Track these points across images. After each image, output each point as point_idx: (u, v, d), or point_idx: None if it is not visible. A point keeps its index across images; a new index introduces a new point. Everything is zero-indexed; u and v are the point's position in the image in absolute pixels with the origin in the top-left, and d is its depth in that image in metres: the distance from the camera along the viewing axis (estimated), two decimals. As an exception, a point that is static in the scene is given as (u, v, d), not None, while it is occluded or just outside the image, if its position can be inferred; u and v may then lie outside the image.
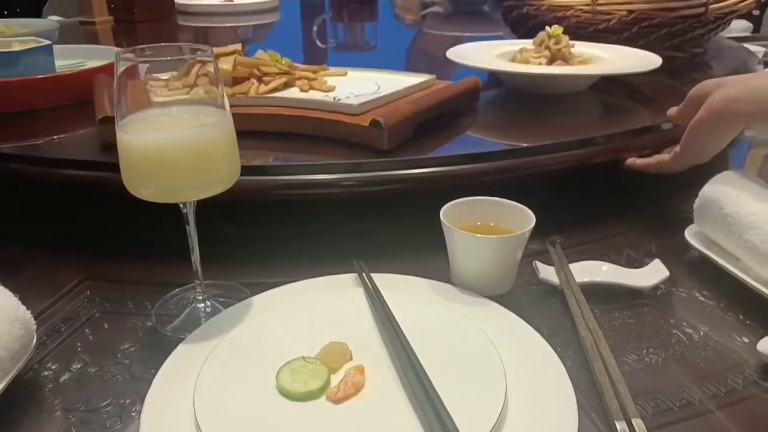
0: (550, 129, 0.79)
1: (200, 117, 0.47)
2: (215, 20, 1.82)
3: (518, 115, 0.87)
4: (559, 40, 0.94)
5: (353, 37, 1.76)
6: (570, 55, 0.93)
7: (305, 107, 0.73)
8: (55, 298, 0.58)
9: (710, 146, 0.65)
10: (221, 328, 0.49)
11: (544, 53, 0.94)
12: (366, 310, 0.51)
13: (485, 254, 0.53)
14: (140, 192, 0.47)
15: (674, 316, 0.55)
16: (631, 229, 0.70)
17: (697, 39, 1.13)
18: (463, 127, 0.80)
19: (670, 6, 1.05)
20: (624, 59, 0.93)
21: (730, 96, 0.60)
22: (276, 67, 0.79)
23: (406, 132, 0.70)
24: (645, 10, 1.05)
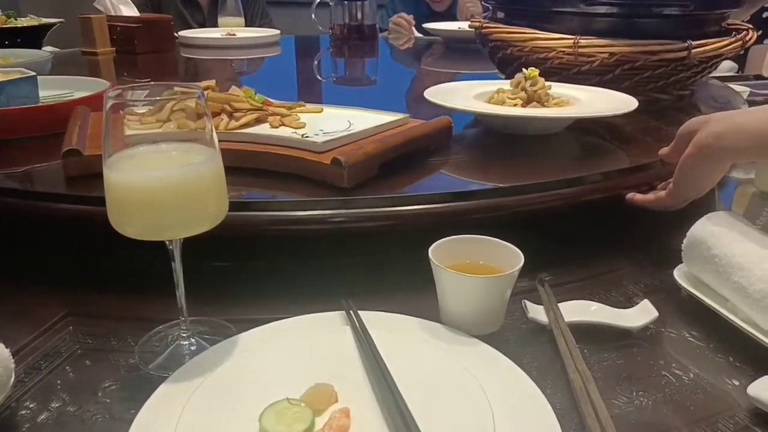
0: (524, 169, 0.78)
1: (189, 155, 0.47)
2: (217, 53, 1.84)
3: (493, 155, 0.86)
4: (535, 82, 0.94)
5: (350, 72, 1.77)
6: (546, 96, 0.93)
7: (271, 143, 0.73)
8: (37, 333, 0.57)
9: (702, 181, 0.66)
10: (204, 367, 0.48)
11: (520, 95, 0.93)
12: (353, 350, 0.51)
13: (474, 294, 0.53)
14: (125, 230, 0.46)
15: (664, 357, 0.54)
16: (620, 268, 0.70)
17: (683, 81, 1.12)
18: (435, 165, 0.79)
19: (652, 49, 1.04)
20: (601, 101, 0.93)
21: (716, 132, 0.62)
22: (249, 103, 0.79)
23: (369, 170, 0.69)
24: (626, 53, 1.04)
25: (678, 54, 1.03)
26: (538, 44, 1.09)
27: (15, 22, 1.65)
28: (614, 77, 1.06)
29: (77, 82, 1.08)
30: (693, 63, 1.05)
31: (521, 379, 0.48)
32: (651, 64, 1.04)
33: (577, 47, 1.04)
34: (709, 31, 1.10)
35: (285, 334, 0.52)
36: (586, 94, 0.97)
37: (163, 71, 1.67)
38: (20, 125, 0.86)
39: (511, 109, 0.90)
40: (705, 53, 1.04)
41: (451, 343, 0.52)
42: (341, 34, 1.99)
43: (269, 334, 0.52)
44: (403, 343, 0.51)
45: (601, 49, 1.04)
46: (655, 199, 0.71)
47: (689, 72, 1.08)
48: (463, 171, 0.79)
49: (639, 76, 1.06)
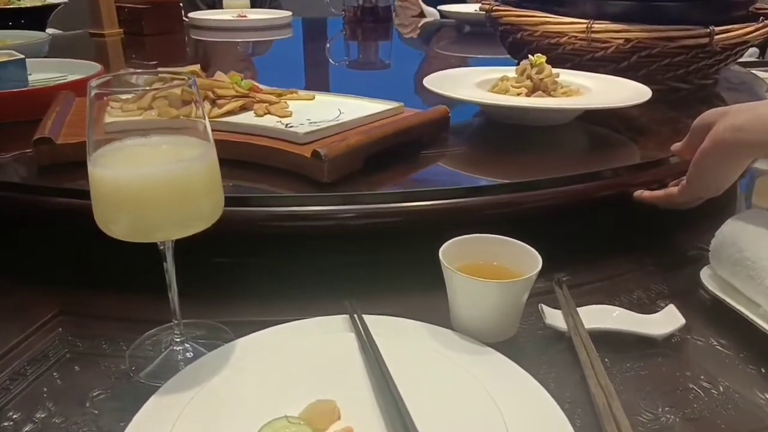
0: (526, 163, 0.74)
1: (181, 149, 0.43)
2: (227, 35, 1.80)
3: (493, 148, 0.81)
4: (541, 70, 0.88)
5: (358, 56, 1.72)
6: (553, 85, 0.88)
7: (252, 133, 0.69)
8: (24, 335, 0.54)
9: (719, 179, 0.61)
10: (199, 377, 0.45)
11: (525, 83, 0.88)
12: (357, 360, 0.47)
13: (488, 299, 0.49)
14: (111, 230, 0.43)
15: (690, 367, 0.51)
16: (641, 267, 0.66)
17: (704, 70, 1.05)
18: (430, 159, 0.74)
19: (671, 35, 0.96)
20: (613, 91, 0.88)
21: (735, 125, 0.56)
22: (234, 90, 0.75)
23: (353, 164, 0.65)
24: (643, 39, 0.97)
25: (699, 41, 0.96)
26: (549, 29, 1.03)
27: (18, 3, 1.61)
28: (630, 65, 1.00)
29: (71, 65, 1.05)
30: (715, 50, 0.98)
31: (538, 392, 0.44)
32: (670, 51, 0.97)
33: (590, 32, 0.99)
34: (734, 16, 1.02)
35: (285, 341, 0.49)
36: (596, 83, 0.92)
37: (171, 53, 1.64)
38: (8, 109, 0.83)
39: (511, 99, 0.85)
40: (728, 40, 0.97)
41: (462, 352, 0.48)
42: (354, 17, 1.94)
43: (268, 341, 0.49)
44: (410, 351, 0.48)
45: (615, 35, 0.98)
46: (666, 196, 0.66)
47: (711, 60, 1.01)
48: (459, 165, 0.74)
49: (657, 63, 0.99)
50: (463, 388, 0.44)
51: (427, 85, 0.85)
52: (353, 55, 1.72)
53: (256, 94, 0.76)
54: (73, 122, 0.73)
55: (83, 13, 1.67)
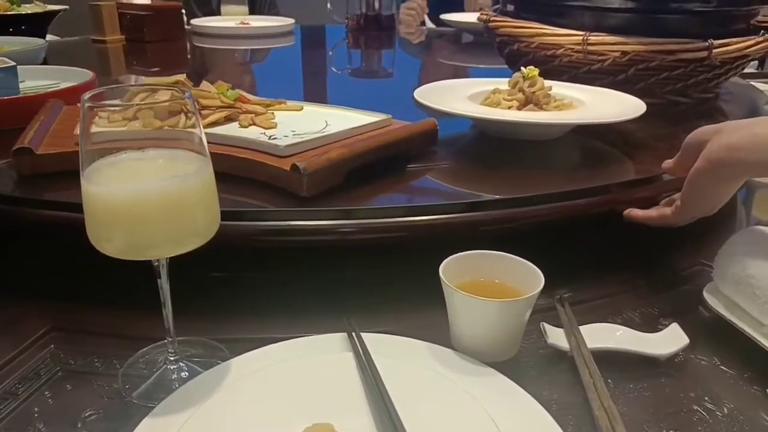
0: (517, 178, 0.72)
1: (177, 164, 0.42)
2: (230, 42, 1.80)
3: (482, 162, 0.79)
4: (534, 82, 0.85)
5: (363, 64, 1.70)
6: (546, 98, 0.85)
7: (234, 145, 0.67)
8: (16, 352, 0.53)
9: (714, 198, 0.59)
10: (192, 399, 0.44)
11: (517, 96, 0.85)
12: (356, 381, 0.46)
13: (489, 318, 0.48)
14: (104, 247, 0.42)
15: (694, 388, 0.50)
16: (644, 284, 0.65)
17: (704, 84, 1.02)
18: (417, 173, 0.72)
19: (669, 48, 0.94)
20: (607, 105, 0.85)
21: (731, 143, 0.54)
22: (219, 100, 0.74)
23: (333, 178, 0.63)
24: (640, 51, 0.94)
25: (697, 54, 0.94)
26: (545, 40, 1.01)
27: (18, 9, 1.60)
28: (627, 78, 0.98)
29: (65, 73, 1.04)
30: (715, 64, 0.96)
31: (540, 414, 0.43)
32: (668, 64, 0.95)
33: (586, 44, 0.97)
34: (735, 29, 1.01)
35: (281, 361, 0.48)
36: (590, 96, 0.89)
37: (172, 60, 1.63)
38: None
39: (500, 112, 0.82)
40: (728, 53, 0.95)
41: (463, 373, 0.47)
42: (357, 25, 1.93)
43: (264, 361, 0.48)
44: (409, 371, 0.47)
45: (612, 47, 0.96)
46: (659, 216, 0.64)
47: (711, 74, 0.99)
48: (447, 179, 0.72)
49: (655, 77, 0.98)
50: (464, 410, 0.43)
51: (417, 98, 0.84)
52: (355, 63, 1.71)
53: (243, 105, 0.75)
54: (56, 132, 0.72)
55: (84, 19, 1.67)
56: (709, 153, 0.56)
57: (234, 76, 1.49)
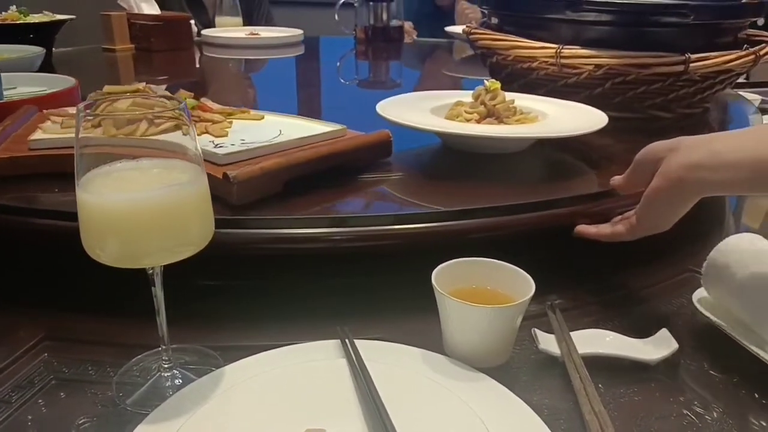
0: (468, 190, 0.71)
1: (172, 173, 0.43)
2: (240, 52, 1.82)
3: (438, 173, 0.79)
4: (495, 95, 0.84)
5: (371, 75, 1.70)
6: (507, 111, 0.83)
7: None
8: (10, 360, 0.53)
9: (670, 215, 0.57)
10: (186, 406, 0.44)
11: (479, 109, 0.83)
12: (349, 388, 0.46)
13: (481, 325, 0.49)
14: (98, 255, 0.42)
15: (684, 393, 0.50)
16: (634, 291, 0.66)
17: (687, 99, 0.98)
18: (366, 184, 0.72)
19: (644, 62, 0.90)
20: (571, 119, 0.83)
21: (692, 162, 0.53)
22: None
23: (269, 187, 0.63)
24: (614, 65, 0.91)
25: (673, 68, 0.91)
26: (520, 53, 0.99)
27: (26, 18, 1.63)
28: (604, 92, 0.95)
29: (55, 80, 1.05)
30: (695, 78, 0.94)
31: (531, 419, 0.44)
32: (645, 78, 0.92)
33: (559, 57, 0.94)
34: (721, 42, 0.98)
35: (274, 368, 0.48)
36: (556, 109, 0.88)
37: (179, 69, 1.66)
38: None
39: (454, 125, 0.80)
40: (707, 68, 0.92)
41: (455, 379, 0.48)
42: (365, 36, 1.93)
43: (257, 368, 0.48)
44: (402, 377, 0.47)
45: (585, 60, 0.93)
46: (611, 233, 0.63)
47: (693, 88, 0.96)
48: (396, 189, 0.71)
49: (633, 91, 0.95)
50: (456, 416, 0.44)
51: (378, 110, 0.82)
52: (362, 74, 1.71)
53: (202, 113, 0.76)
54: (17, 137, 0.72)
55: (89, 29, 1.73)
56: (668, 171, 0.54)
57: (236, 85, 1.51)
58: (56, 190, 0.66)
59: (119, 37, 1.67)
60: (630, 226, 0.61)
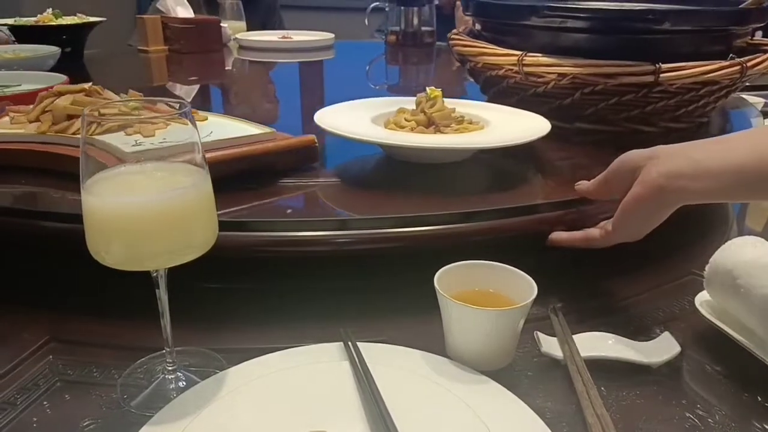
0: (392, 198, 0.70)
1: (176, 177, 0.43)
2: (272, 56, 1.85)
3: (364, 181, 0.77)
4: (434, 103, 0.81)
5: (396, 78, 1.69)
6: (445, 120, 0.79)
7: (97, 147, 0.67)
8: (15, 362, 0.53)
9: (646, 224, 0.57)
10: (190, 408, 0.44)
11: (418, 117, 0.80)
12: (352, 390, 0.47)
13: (484, 327, 0.49)
14: (103, 258, 0.42)
15: (686, 395, 0.50)
16: (636, 293, 0.66)
17: (670, 112, 0.89)
18: (284, 188, 0.71)
19: (609, 71, 0.83)
20: (514, 127, 0.79)
21: (671, 171, 0.52)
22: (118, 109, 0.75)
23: None
24: (578, 74, 0.84)
25: (642, 78, 0.82)
26: (487, 60, 0.94)
27: (60, 20, 1.69)
28: (574, 102, 0.88)
29: (55, 78, 1.08)
30: (672, 90, 0.85)
31: (534, 422, 0.44)
32: (614, 89, 0.85)
33: (521, 65, 0.88)
34: (713, 51, 0.89)
35: (278, 370, 0.49)
36: (500, 117, 0.84)
37: (208, 71, 1.70)
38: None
39: (380, 133, 0.77)
40: (680, 79, 0.83)
41: (458, 381, 0.48)
42: (396, 40, 1.92)
43: (260, 371, 0.48)
44: (405, 380, 0.48)
45: (547, 69, 0.86)
46: (583, 238, 0.63)
47: (672, 101, 0.87)
48: (327, 196, 0.71)
49: (605, 102, 0.87)
50: (459, 419, 0.44)
51: (315, 118, 0.79)
52: (393, 79, 1.69)
53: (146, 113, 0.76)
54: None
55: (120, 31, 1.83)
56: (648, 180, 0.54)
57: (258, 86, 1.56)
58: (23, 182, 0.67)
59: (153, 39, 1.74)
60: (605, 233, 0.61)
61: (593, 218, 0.65)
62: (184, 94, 1.37)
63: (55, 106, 0.69)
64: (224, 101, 1.35)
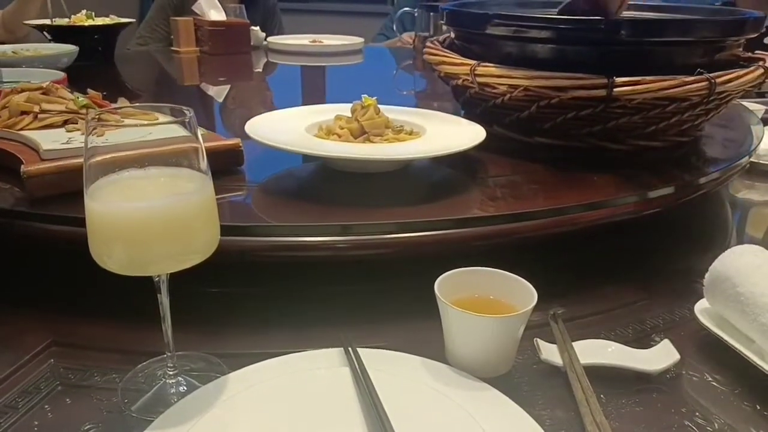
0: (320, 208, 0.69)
1: (178, 182, 0.43)
2: (302, 59, 1.89)
3: (286, 189, 0.76)
4: (365, 111, 0.79)
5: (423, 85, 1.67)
6: (377, 129, 0.77)
7: (27, 144, 0.70)
8: (16, 366, 0.54)
9: None
10: (190, 412, 0.44)
11: (352, 125, 0.78)
12: (352, 396, 0.47)
13: (484, 334, 0.49)
14: (106, 263, 0.43)
15: (685, 403, 0.50)
16: (636, 301, 0.66)
17: (637, 129, 0.82)
18: None
19: (559, 84, 0.76)
20: (449, 136, 0.77)
21: None
22: (64, 106, 0.77)
23: (67, 184, 0.63)
24: (530, 86, 0.78)
25: (593, 92, 0.75)
26: (446, 69, 0.90)
27: (92, 21, 1.76)
28: (531, 115, 0.82)
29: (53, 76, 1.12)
30: (634, 106, 0.78)
31: (533, 430, 0.44)
32: (570, 102, 0.78)
33: (473, 75, 0.83)
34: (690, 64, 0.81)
35: (278, 376, 0.49)
36: (439, 127, 0.82)
37: (235, 71, 1.75)
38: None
39: (304, 142, 0.75)
40: (636, 93, 0.75)
41: (458, 388, 0.48)
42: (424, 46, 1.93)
43: (260, 376, 0.49)
44: (405, 386, 0.48)
45: (498, 80, 0.81)
46: None
47: (637, 117, 0.79)
48: (251, 201, 0.71)
49: (562, 116, 0.81)
50: (458, 425, 0.44)
51: (246, 127, 0.76)
52: (419, 85, 1.68)
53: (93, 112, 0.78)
54: None
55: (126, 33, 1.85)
56: None
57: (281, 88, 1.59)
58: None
59: (185, 40, 1.83)
60: None
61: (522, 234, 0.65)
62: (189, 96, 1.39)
63: (10, 102, 0.74)
64: (222, 105, 1.35)
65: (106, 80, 1.54)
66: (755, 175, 1.04)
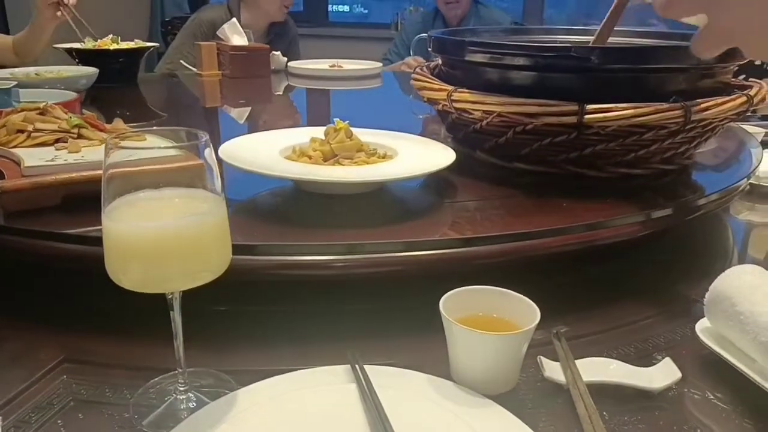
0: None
1: (193, 203, 0.45)
2: (321, 83, 1.93)
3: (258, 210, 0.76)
4: (336, 135, 0.80)
5: None
6: (347, 152, 0.78)
7: (13, 160, 0.72)
8: (30, 382, 0.55)
9: None
10: (200, 428, 0.45)
11: (324, 147, 0.79)
12: (359, 412, 0.48)
13: (488, 352, 0.50)
14: (121, 280, 0.44)
15: (687, 422, 0.51)
16: (638, 320, 0.67)
17: (615, 156, 0.81)
18: None
19: (531, 111, 0.76)
20: (420, 159, 0.79)
21: None
22: (58, 125, 0.79)
23: (43, 200, 0.67)
24: (503, 112, 0.78)
25: (564, 119, 0.75)
26: (427, 94, 0.90)
27: (117, 45, 1.82)
28: (509, 141, 0.82)
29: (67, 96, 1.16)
30: (608, 134, 0.77)
31: (537, 446, 0.45)
32: (545, 129, 0.78)
33: (450, 100, 0.84)
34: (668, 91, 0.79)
35: (286, 392, 0.50)
36: (410, 149, 0.83)
37: (255, 94, 1.79)
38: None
39: (274, 164, 0.75)
40: (608, 121, 0.74)
41: (463, 405, 0.49)
42: None
43: (268, 393, 0.50)
44: (411, 403, 0.49)
45: (473, 105, 0.81)
46: None
47: (613, 144, 0.78)
48: None
49: (538, 143, 0.80)
50: (464, 442, 0.45)
51: (220, 151, 0.76)
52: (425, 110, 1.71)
53: (84, 132, 0.80)
54: None
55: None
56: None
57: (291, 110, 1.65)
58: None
59: (207, 64, 1.89)
60: None
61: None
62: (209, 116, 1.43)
63: (8, 121, 0.78)
64: (234, 126, 1.38)
65: (129, 101, 1.59)
66: (756, 196, 1.06)
